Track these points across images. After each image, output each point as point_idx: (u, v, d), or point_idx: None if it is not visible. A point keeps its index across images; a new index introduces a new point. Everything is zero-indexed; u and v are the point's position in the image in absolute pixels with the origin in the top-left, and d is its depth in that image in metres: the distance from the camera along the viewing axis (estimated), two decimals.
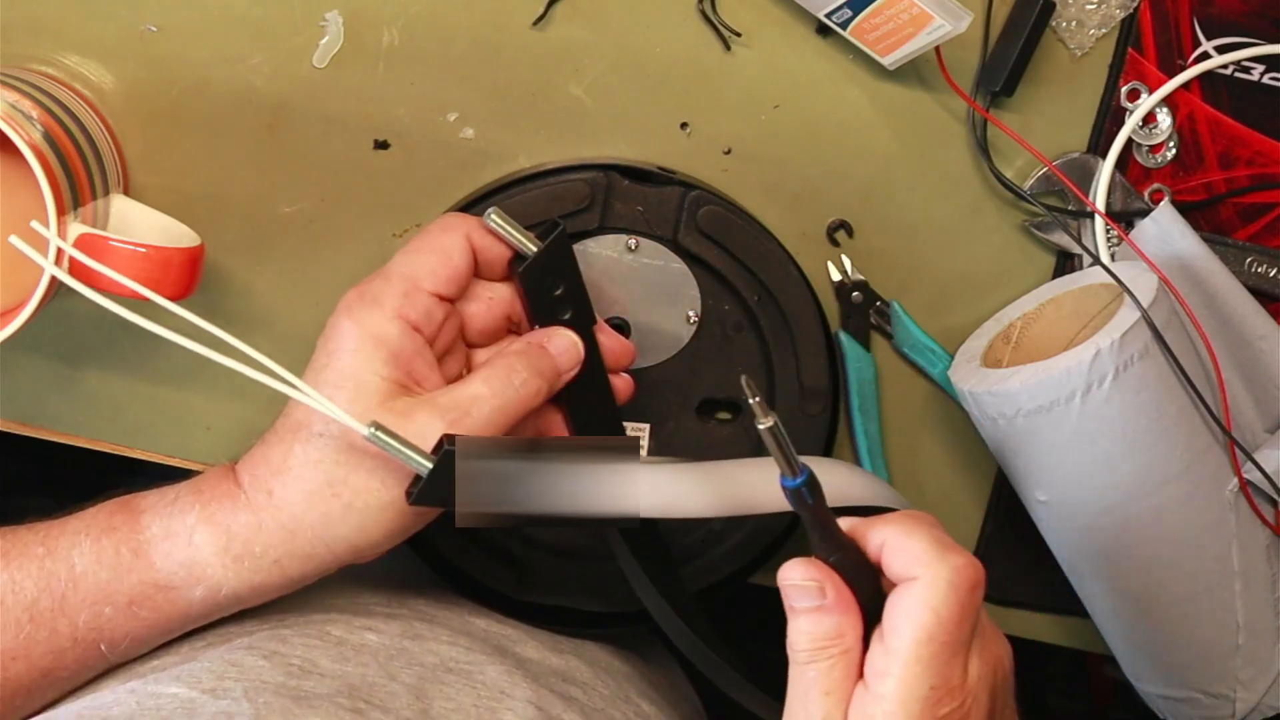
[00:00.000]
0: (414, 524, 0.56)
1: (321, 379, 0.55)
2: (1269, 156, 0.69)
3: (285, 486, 0.54)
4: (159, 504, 0.56)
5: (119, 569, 0.54)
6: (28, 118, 0.56)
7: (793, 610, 0.49)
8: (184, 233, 0.61)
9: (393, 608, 0.60)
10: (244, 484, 0.55)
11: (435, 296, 0.57)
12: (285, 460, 0.55)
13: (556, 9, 0.64)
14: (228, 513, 0.55)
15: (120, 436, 0.67)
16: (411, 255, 0.58)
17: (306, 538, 0.54)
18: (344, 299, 0.57)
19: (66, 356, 0.66)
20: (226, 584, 0.55)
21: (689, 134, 0.67)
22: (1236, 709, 0.66)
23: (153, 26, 0.63)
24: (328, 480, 0.54)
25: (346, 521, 0.54)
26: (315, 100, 0.64)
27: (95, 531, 0.55)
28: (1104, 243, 0.68)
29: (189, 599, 0.55)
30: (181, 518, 0.55)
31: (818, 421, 0.67)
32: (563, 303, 0.60)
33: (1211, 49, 0.68)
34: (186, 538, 0.54)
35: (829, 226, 0.68)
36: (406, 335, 0.55)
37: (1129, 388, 0.59)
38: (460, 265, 0.57)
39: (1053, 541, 0.67)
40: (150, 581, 0.54)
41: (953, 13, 0.61)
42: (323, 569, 0.56)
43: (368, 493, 0.54)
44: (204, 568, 0.54)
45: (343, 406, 0.54)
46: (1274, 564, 0.65)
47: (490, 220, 0.58)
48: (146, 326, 0.53)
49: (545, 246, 0.59)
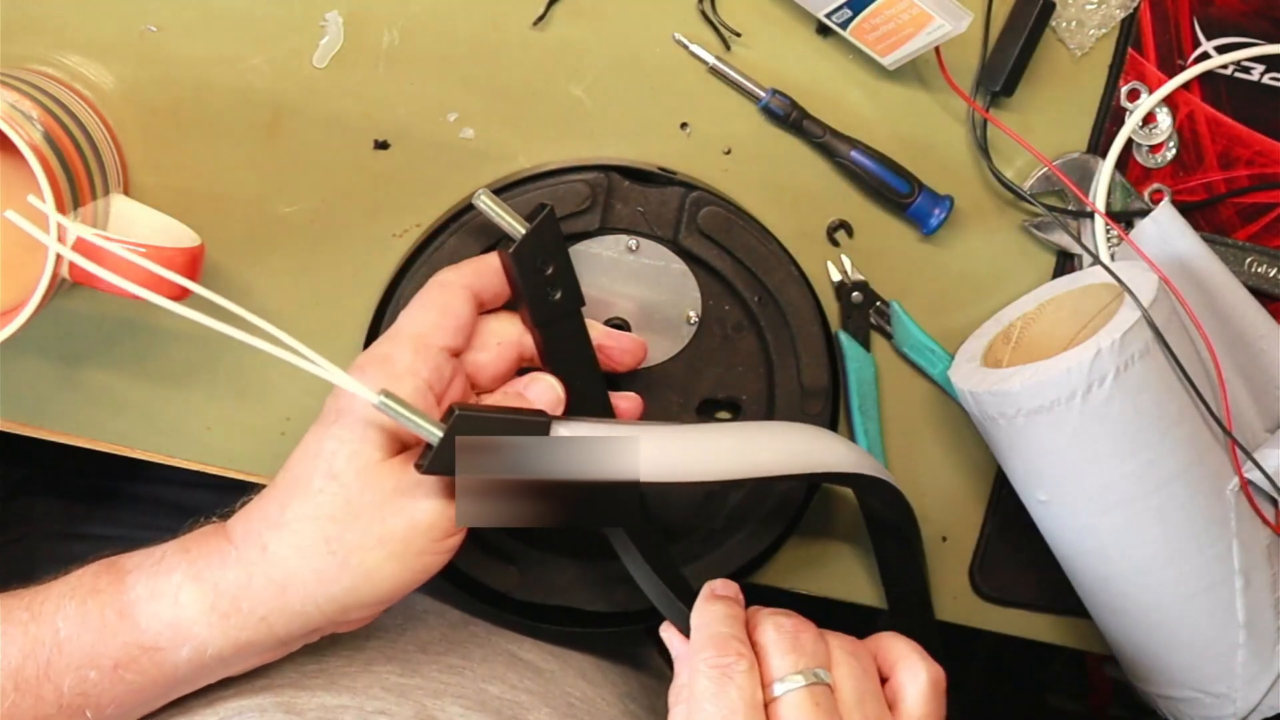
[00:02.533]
0: (405, 588, 0.55)
1: (326, 434, 0.55)
2: (1269, 156, 0.69)
3: (280, 541, 0.54)
4: (145, 563, 0.55)
5: (104, 631, 0.53)
6: (28, 118, 0.56)
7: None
8: (184, 233, 0.61)
9: (405, 676, 0.59)
10: (236, 539, 0.55)
11: (445, 351, 0.57)
12: (282, 514, 0.54)
13: (556, 9, 0.64)
14: (216, 569, 0.54)
15: (120, 436, 0.67)
16: (416, 313, 0.58)
17: (297, 594, 0.54)
18: (355, 362, 0.57)
19: (66, 356, 0.66)
20: (213, 643, 0.54)
21: (689, 134, 0.67)
22: (1237, 708, 0.66)
23: (153, 26, 0.63)
24: (324, 536, 0.54)
25: (339, 580, 0.54)
26: (315, 100, 0.64)
27: (80, 594, 0.54)
28: (1104, 243, 0.68)
29: (175, 660, 0.54)
30: (167, 577, 0.54)
31: (818, 421, 0.67)
32: (553, 282, 0.60)
33: (1211, 49, 0.68)
34: (172, 597, 0.54)
35: (829, 226, 0.68)
36: (419, 394, 0.55)
37: (1129, 387, 0.59)
38: (464, 316, 0.58)
39: (1053, 541, 0.67)
40: (136, 643, 0.54)
41: (953, 13, 0.61)
42: (309, 629, 0.55)
43: (363, 550, 0.54)
44: (190, 626, 0.54)
45: (341, 464, 0.54)
46: (1274, 563, 0.65)
47: (480, 201, 0.59)
48: (171, 308, 0.53)
49: (534, 226, 0.60)
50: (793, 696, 0.52)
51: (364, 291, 0.66)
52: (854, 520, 0.71)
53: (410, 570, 0.55)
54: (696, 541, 0.68)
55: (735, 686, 0.52)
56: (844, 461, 0.63)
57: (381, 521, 0.54)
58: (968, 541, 0.72)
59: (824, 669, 0.54)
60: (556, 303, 0.61)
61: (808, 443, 0.63)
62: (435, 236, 0.64)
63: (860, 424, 0.69)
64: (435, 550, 0.55)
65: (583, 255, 0.65)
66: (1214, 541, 0.63)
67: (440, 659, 0.62)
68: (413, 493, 0.54)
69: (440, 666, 0.61)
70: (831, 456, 0.63)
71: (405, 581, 0.55)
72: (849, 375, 0.69)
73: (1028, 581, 0.73)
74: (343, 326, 0.66)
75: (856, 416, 0.69)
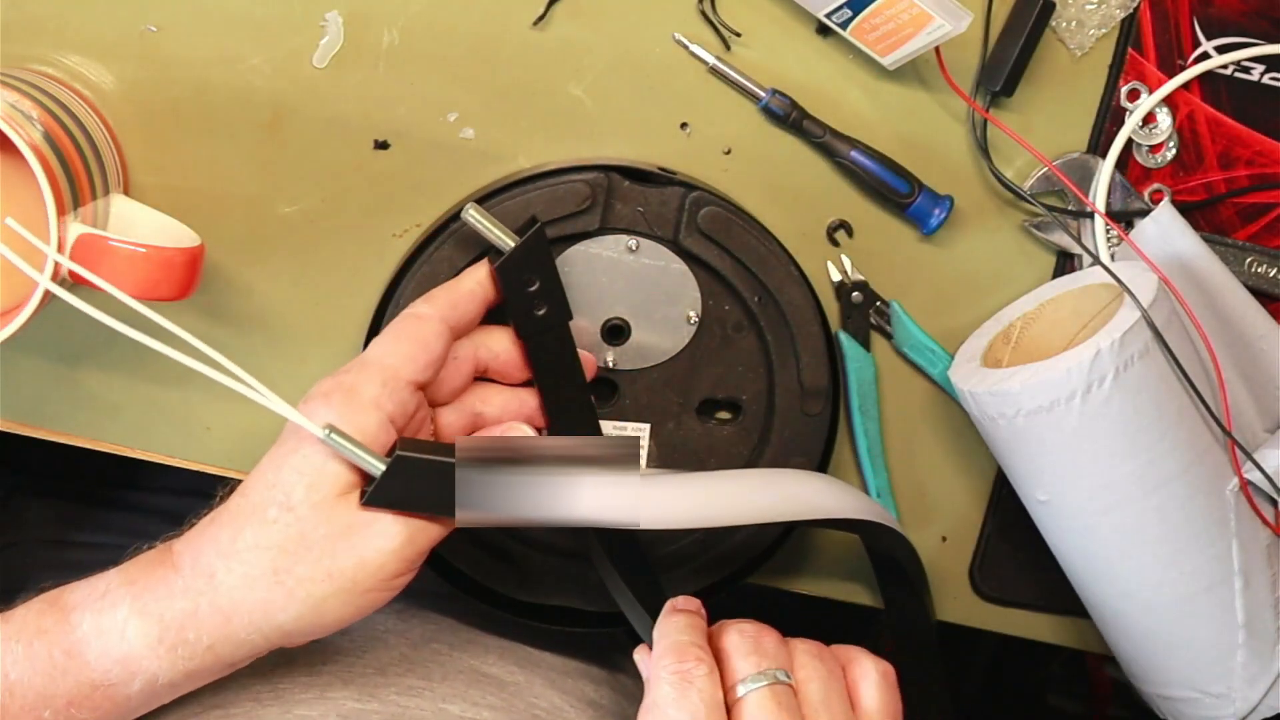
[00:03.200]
0: (350, 620, 0.55)
1: (285, 464, 0.54)
2: (1269, 156, 0.69)
3: (229, 570, 0.54)
4: (89, 599, 0.54)
5: (53, 674, 0.53)
6: (28, 118, 0.56)
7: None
8: (184, 233, 0.61)
9: (362, 701, 0.59)
10: (183, 568, 0.54)
11: (412, 385, 0.57)
12: (234, 543, 0.54)
13: (556, 9, 0.64)
14: (161, 601, 0.54)
15: (120, 436, 0.67)
16: (390, 344, 0.58)
17: (242, 623, 0.54)
18: (319, 386, 0.56)
19: (66, 356, 0.66)
20: (163, 674, 0.54)
21: (689, 134, 0.67)
22: (1237, 709, 0.66)
23: (153, 26, 0.63)
24: (273, 567, 0.53)
25: (286, 610, 0.54)
26: (315, 100, 0.64)
27: (26, 636, 0.54)
28: (1104, 243, 0.68)
29: (127, 693, 0.54)
30: (112, 612, 0.54)
31: (818, 421, 0.67)
32: (538, 298, 0.60)
33: (1211, 49, 0.68)
34: (119, 633, 0.53)
35: (829, 226, 0.68)
36: (382, 428, 0.55)
37: (1129, 388, 0.59)
38: (437, 351, 0.58)
39: (1053, 541, 0.67)
40: (87, 681, 0.53)
41: (953, 13, 0.61)
42: (255, 654, 0.55)
43: (311, 583, 0.54)
44: (139, 661, 0.53)
45: (299, 496, 0.54)
46: (1274, 564, 0.65)
47: (468, 215, 0.60)
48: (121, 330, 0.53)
49: (522, 242, 0.60)
50: (755, 696, 0.52)
51: (364, 291, 0.66)
52: None
53: (356, 606, 0.55)
54: (694, 542, 0.68)
55: (696, 690, 0.52)
56: (847, 508, 0.64)
57: (332, 557, 0.54)
58: (968, 541, 0.72)
59: (786, 670, 0.54)
60: (541, 317, 0.61)
61: (811, 489, 0.63)
62: (435, 236, 0.64)
63: (860, 424, 0.69)
64: (383, 588, 0.55)
65: (583, 255, 0.65)
66: (1214, 541, 0.63)
67: (399, 680, 0.61)
68: (365, 531, 0.54)
69: (399, 689, 0.60)
70: (835, 502, 0.63)
71: (351, 615, 0.55)
72: (849, 375, 0.69)
73: (1028, 581, 0.73)
74: (343, 326, 0.66)
75: (856, 416, 0.69)
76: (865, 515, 0.64)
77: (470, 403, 0.62)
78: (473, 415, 0.62)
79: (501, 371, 0.62)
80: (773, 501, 0.62)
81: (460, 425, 0.61)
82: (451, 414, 0.61)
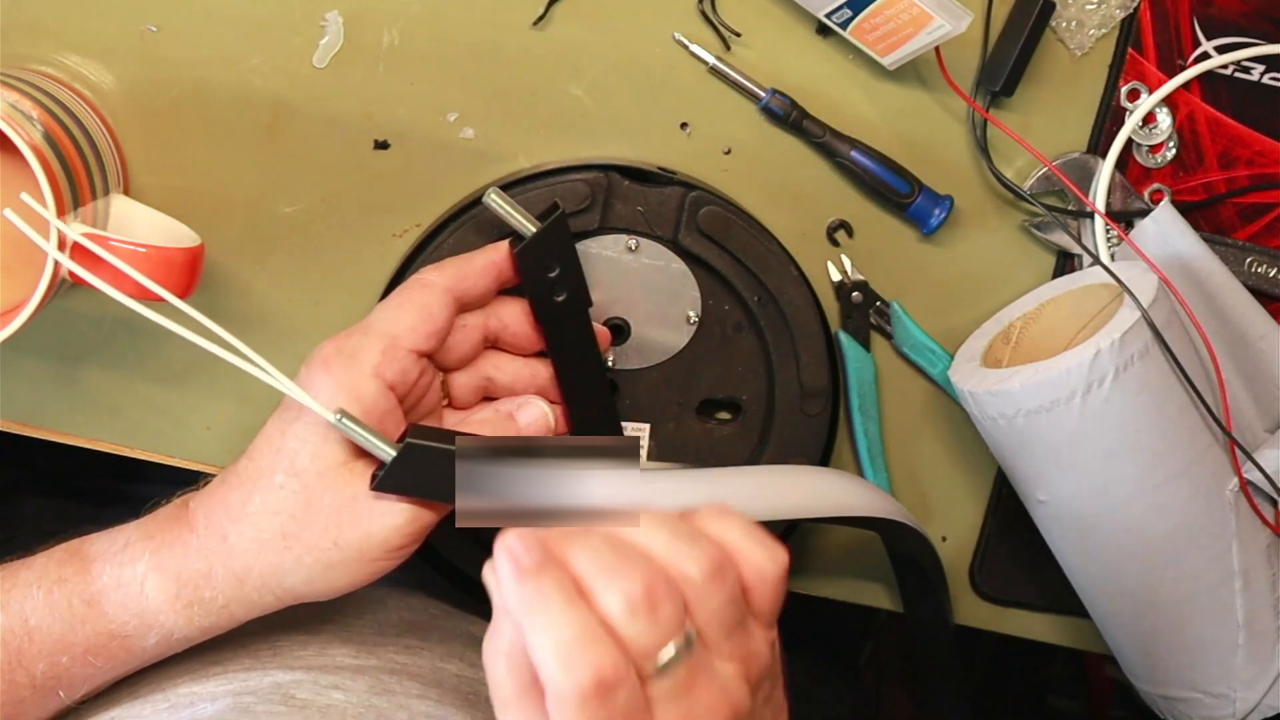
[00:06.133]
0: (358, 585, 0.56)
1: (289, 430, 0.55)
2: (1269, 156, 0.69)
3: (240, 534, 0.54)
4: (109, 550, 0.55)
5: (73, 621, 0.54)
6: (28, 118, 0.56)
7: None
8: (184, 233, 0.61)
9: (361, 658, 0.60)
10: (198, 526, 0.55)
11: (414, 354, 0.57)
12: (244, 506, 0.55)
13: (556, 9, 0.64)
14: (179, 559, 0.55)
15: (120, 436, 0.67)
16: (393, 310, 0.57)
17: (254, 585, 0.55)
18: (321, 350, 0.56)
19: (66, 356, 0.66)
20: (179, 629, 0.55)
21: (689, 134, 0.67)
22: (1237, 709, 0.66)
23: (153, 26, 0.63)
24: (282, 532, 0.54)
25: (295, 574, 0.55)
26: (315, 100, 0.64)
27: (46, 583, 0.55)
28: (1104, 243, 0.68)
29: (143, 645, 0.55)
30: (132, 566, 0.55)
31: (818, 421, 0.67)
32: (559, 284, 0.60)
33: (1211, 49, 0.68)
34: (138, 587, 0.54)
35: (829, 226, 0.68)
36: (381, 395, 0.55)
37: (1129, 388, 0.59)
38: (442, 321, 0.58)
39: (1053, 541, 0.67)
40: (105, 631, 0.55)
41: (953, 13, 0.61)
42: (268, 611, 0.56)
43: (319, 550, 0.54)
44: (156, 615, 0.55)
45: (304, 463, 0.54)
46: (1274, 563, 0.65)
47: (490, 199, 0.59)
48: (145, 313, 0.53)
49: (544, 227, 0.60)
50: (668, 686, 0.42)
51: (364, 291, 0.66)
52: None
53: (365, 573, 0.55)
54: None
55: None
56: (869, 506, 0.63)
57: (338, 527, 0.54)
58: (968, 541, 0.72)
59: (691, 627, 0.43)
60: (561, 303, 0.61)
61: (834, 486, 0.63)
62: (435, 236, 0.64)
63: (860, 424, 0.69)
64: (389, 559, 0.55)
65: (582, 255, 0.65)
66: (1214, 541, 0.63)
67: (397, 640, 0.62)
68: (372, 506, 0.54)
69: (397, 648, 0.61)
70: (859, 500, 0.63)
71: (359, 581, 0.56)
72: (849, 375, 0.69)
73: (1028, 581, 0.73)
74: (342, 326, 0.66)
75: (856, 416, 0.69)
76: (889, 514, 0.64)
77: (483, 368, 0.61)
78: (485, 380, 0.62)
79: (511, 343, 0.62)
80: (801, 498, 0.61)
81: (472, 388, 0.61)
82: (464, 377, 0.61)
